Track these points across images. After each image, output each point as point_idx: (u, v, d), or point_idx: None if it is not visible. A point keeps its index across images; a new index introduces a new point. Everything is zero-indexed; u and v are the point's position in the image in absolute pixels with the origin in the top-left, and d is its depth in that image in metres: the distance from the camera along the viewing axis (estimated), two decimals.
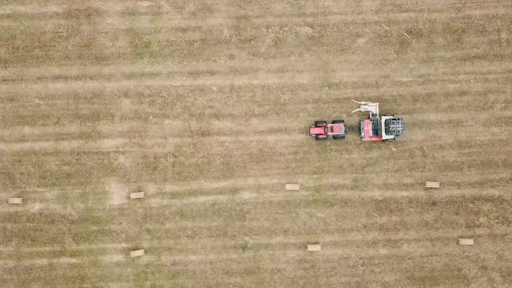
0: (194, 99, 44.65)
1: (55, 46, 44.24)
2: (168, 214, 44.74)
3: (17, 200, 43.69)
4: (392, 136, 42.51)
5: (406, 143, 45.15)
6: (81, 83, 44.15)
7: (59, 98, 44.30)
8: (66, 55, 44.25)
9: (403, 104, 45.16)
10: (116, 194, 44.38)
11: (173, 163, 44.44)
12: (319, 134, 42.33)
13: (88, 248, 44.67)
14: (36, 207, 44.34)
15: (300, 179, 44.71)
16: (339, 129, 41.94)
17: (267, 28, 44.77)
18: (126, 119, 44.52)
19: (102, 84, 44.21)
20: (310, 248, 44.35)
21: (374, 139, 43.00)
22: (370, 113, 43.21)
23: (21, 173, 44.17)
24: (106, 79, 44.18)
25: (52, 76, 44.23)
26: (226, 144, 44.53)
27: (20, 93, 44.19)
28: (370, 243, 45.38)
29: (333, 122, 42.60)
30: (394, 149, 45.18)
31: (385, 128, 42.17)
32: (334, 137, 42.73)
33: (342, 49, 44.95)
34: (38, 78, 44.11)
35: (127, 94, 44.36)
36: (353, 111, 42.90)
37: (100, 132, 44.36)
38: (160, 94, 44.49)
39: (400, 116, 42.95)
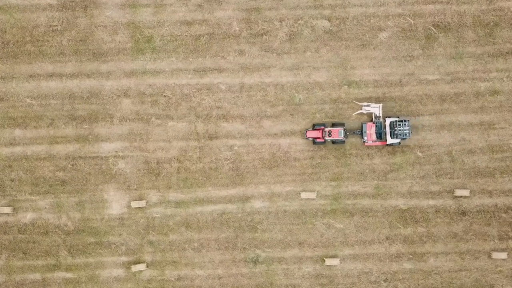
0: (201, 99, 42.86)
1: (48, 41, 42.72)
2: (173, 224, 42.88)
3: (8, 209, 42.26)
4: (397, 140, 40.82)
5: (433, 147, 43.26)
6: (77, 81, 42.52)
7: (53, 98, 42.70)
8: (60, 50, 42.74)
9: (429, 105, 43.40)
10: (116, 203, 42.60)
11: (178, 169, 42.68)
12: (316, 138, 40.87)
13: (84, 261, 42.82)
14: (28, 216, 42.69)
15: (317, 187, 42.85)
16: (337, 133, 40.46)
17: (281, 22, 43.06)
18: (126, 121, 42.84)
19: (100, 83, 42.57)
20: (328, 262, 42.51)
21: (377, 143, 41.37)
22: (373, 115, 41.41)
23: (12, 180, 42.70)
24: (104, 77, 42.59)
25: (46, 74, 42.66)
26: (236, 148, 42.80)
27: (10, 93, 42.75)
28: (393, 256, 43.27)
29: (333, 125, 41.14)
30: (419, 154, 43.28)
31: (390, 131, 40.58)
32: (333, 142, 41.25)
33: (363, 44, 43.12)
34: (30, 76, 42.62)
35: (127, 93, 42.75)
36: (354, 114, 41.35)
37: (98, 135, 42.71)
38: (164, 94, 42.74)
39: (407, 118, 41.47)
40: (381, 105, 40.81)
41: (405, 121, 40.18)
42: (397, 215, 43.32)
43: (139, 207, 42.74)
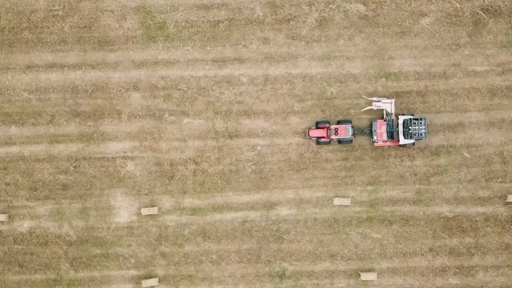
0: (220, 93, 40.88)
1: (48, 27, 40.71)
2: (188, 234, 41.26)
3: (2, 217, 40.72)
4: (412, 141, 38.89)
5: (482, 147, 40.94)
6: (81, 73, 40.70)
7: (53, 92, 40.82)
8: (62, 38, 40.69)
9: (477, 99, 40.91)
10: (124, 210, 41.02)
11: (194, 172, 40.89)
12: (320, 138, 39.33)
13: (89, 276, 41.29)
14: (25, 225, 41.14)
15: (351, 192, 40.98)
16: (345, 131, 38.76)
17: (310, 6, 40.84)
18: (136, 118, 40.91)
19: (107, 75, 40.65)
20: (364, 276, 40.69)
21: (388, 144, 39.49)
22: (384, 112, 39.38)
23: (7, 184, 41.00)
24: (111, 68, 40.67)
25: (45, 65, 40.78)
26: (259, 148, 40.85)
27: (5, 86, 40.84)
28: (437, 270, 41.47)
29: (339, 122, 39.42)
30: (467, 155, 41.08)
31: (404, 131, 38.63)
32: (340, 141, 39.59)
33: (402, 32, 40.82)
34: (28, 67, 40.72)
35: (137, 86, 40.79)
36: (363, 110, 39.53)
37: (104, 133, 40.98)
38: (178, 87, 40.78)
39: (423, 116, 39.60)
40: (393, 100, 38.63)
41: (421, 119, 37.93)
42: (442, 224, 41.28)
43: (151, 215, 40.96)
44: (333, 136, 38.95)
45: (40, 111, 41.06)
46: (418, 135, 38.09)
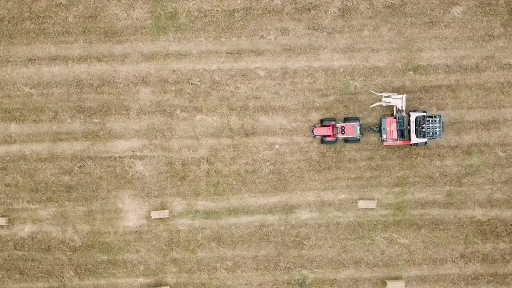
0: (235, 88, 40.31)
1: (51, 17, 40.25)
2: (201, 239, 40.93)
3: (2, 221, 40.60)
4: (424, 140, 38.44)
5: None
6: (86, 66, 40.30)
7: (56, 86, 40.43)
8: (65, 29, 40.21)
9: None
10: (132, 213, 40.73)
11: (207, 172, 40.52)
12: (325, 136, 39.29)
13: (94, 284, 41.10)
14: (26, 229, 40.88)
15: (377, 194, 40.51)
16: (352, 130, 38.77)
17: None
18: (145, 114, 40.42)
19: (114, 68, 40.27)
20: (390, 285, 40.03)
21: (399, 143, 39.18)
22: (395, 109, 39.12)
23: (7, 185, 40.74)
24: (118, 61, 40.22)
25: (48, 57, 40.36)
26: (277, 146, 40.29)
27: (5, 80, 40.40)
28: (469, 278, 40.91)
29: (345, 120, 39.29)
30: (501, 154, 40.27)
31: (416, 129, 38.29)
32: (346, 140, 39.52)
33: (431, 21, 40.12)
34: (29, 60, 40.33)
35: (146, 80, 40.34)
36: (372, 106, 39.27)
37: (110, 131, 40.55)
38: (190, 81, 40.27)
39: (437, 113, 39.23)
40: (404, 96, 38.26)
41: (435, 116, 37.38)
42: (474, 228, 40.76)
43: (161, 218, 40.71)
44: (339, 135, 38.96)
45: (42, 107, 40.72)
46: (432, 133, 37.46)
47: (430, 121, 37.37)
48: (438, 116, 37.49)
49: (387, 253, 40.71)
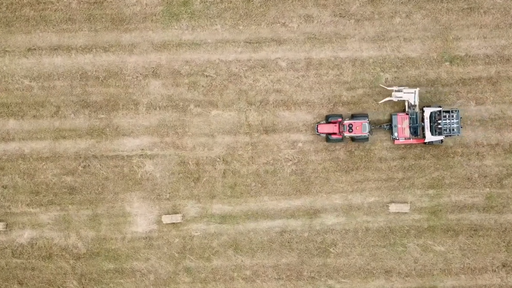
0: (254, 80, 39.48)
1: (53, 3, 39.90)
2: (217, 246, 40.19)
3: None
4: (440, 137, 37.29)
5: None
6: (91, 56, 39.93)
7: (58, 79, 40.04)
8: (69, 16, 39.91)
9: None
10: (142, 217, 40.13)
11: (224, 173, 39.81)
12: (331, 134, 38.65)
13: None
14: (25, 235, 40.24)
15: (410, 196, 39.47)
16: (361, 128, 37.85)
17: None
18: (155, 109, 39.89)
19: (121, 59, 39.87)
20: None
21: (412, 141, 38.30)
22: (406, 104, 38.05)
23: (4, 187, 40.20)
24: (126, 51, 39.77)
25: (49, 47, 39.99)
26: (300, 145, 39.30)
27: (3, 72, 40.01)
28: None
29: (353, 116, 38.49)
30: None
31: (431, 126, 37.24)
32: (354, 139, 38.69)
33: (470, 8, 39.31)
34: (29, 50, 39.92)
35: (157, 72, 39.88)
36: (381, 101, 38.33)
37: (118, 128, 40.10)
38: (205, 73, 39.59)
39: (455, 108, 38.20)
40: (417, 90, 37.32)
41: (453, 111, 36.40)
42: None
43: (173, 223, 40.13)
44: (346, 134, 38.15)
45: (43, 101, 40.29)
46: (449, 130, 36.56)
47: (447, 116, 36.47)
48: (456, 111, 36.68)
49: (421, 262, 39.64)
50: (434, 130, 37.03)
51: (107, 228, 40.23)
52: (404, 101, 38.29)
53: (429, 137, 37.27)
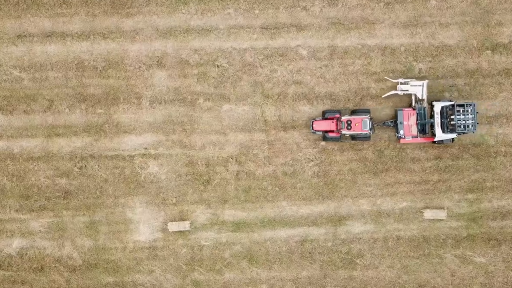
0: (271, 71, 37.77)
1: None
2: (229, 257, 38.68)
3: None
4: (452, 136, 35.52)
5: None
6: (88, 44, 38.50)
7: (52, 69, 38.66)
8: None
9: None
10: (145, 225, 38.61)
11: (237, 174, 38.34)
12: (327, 132, 37.16)
13: None
14: (14, 245, 38.96)
15: (447, 202, 37.68)
16: (361, 125, 35.99)
17: None
18: (160, 103, 38.38)
19: (122, 46, 38.39)
20: None
21: (419, 140, 36.58)
22: (413, 98, 36.31)
23: None
24: (128, 38, 38.21)
25: (41, 33, 38.55)
26: (323, 143, 37.14)
27: None
28: None
29: (353, 112, 37.00)
30: None
31: (442, 122, 35.54)
32: (354, 138, 37.06)
33: None
34: (18, 37, 38.56)
35: (162, 62, 38.43)
36: (385, 95, 36.76)
37: (118, 124, 38.71)
38: (216, 63, 38.07)
39: (470, 101, 36.38)
40: (425, 82, 35.54)
41: (467, 105, 34.39)
42: None
43: (180, 231, 38.65)
44: (344, 131, 36.36)
45: (35, 94, 38.90)
46: (463, 127, 34.46)
47: (461, 111, 34.47)
48: (471, 104, 34.70)
49: (459, 275, 38.08)
50: (446, 127, 35.27)
51: (106, 237, 38.90)
52: (410, 94, 36.33)
53: (439, 135, 35.49)
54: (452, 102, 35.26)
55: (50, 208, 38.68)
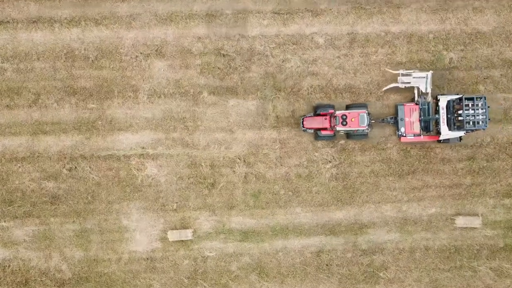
0: (283, 60, 35.83)
1: None
2: (237, 270, 36.60)
3: None
4: (459, 133, 33.41)
5: None
6: (79, 31, 36.52)
7: (38, 59, 36.77)
8: None
9: None
10: (142, 233, 36.61)
11: (245, 177, 36.38)
12: (319, 129, 35.57)
13: None
14: None
15: (481, 208, 35.67)
16: (358, 120, 34.05)
17: None
18: (159, 97, 36.50)
19: (117, 34, 36.50)
20: None
21: (422, 138, 34.75)
22: (416, 92, 34.44)
23: None
24: (123, 24, 36.34)
25: (27, 19, 36.63)
26: (342, 142, 35.47)
27: None
28: None
29: (348, 107, 35.38)
30: None
31: (448, 118, 33.48)
32: (349, 135, 35.52)
33: None
34: (0, 23, 36.72)
35: (161, 51, 36.55)
36: (385, 88, 35.18)
37: (112, 120, 36.74)
38: (222, 52, 36.21)
39: (480, 94, 34.33)
40: (430, 73, 33.39)
41: (477, 98, 32.19)
42: None
43: (181, 241, 36.50)
44: (339, 128, 34.41)
45: (19, 87, 36.67)
46: (473, 123, 32.16)
47: (470, 105, 32.23)
48: (481, 98, 32.48)
49: None
50: (453, 124, 33.15)
51: (98, 247, 36.47)
52: (413, 87, 34.55)
53: (445, 132, 33.35)
54: (460, 96, 33.31)
55: (36, 215, 36.43)
